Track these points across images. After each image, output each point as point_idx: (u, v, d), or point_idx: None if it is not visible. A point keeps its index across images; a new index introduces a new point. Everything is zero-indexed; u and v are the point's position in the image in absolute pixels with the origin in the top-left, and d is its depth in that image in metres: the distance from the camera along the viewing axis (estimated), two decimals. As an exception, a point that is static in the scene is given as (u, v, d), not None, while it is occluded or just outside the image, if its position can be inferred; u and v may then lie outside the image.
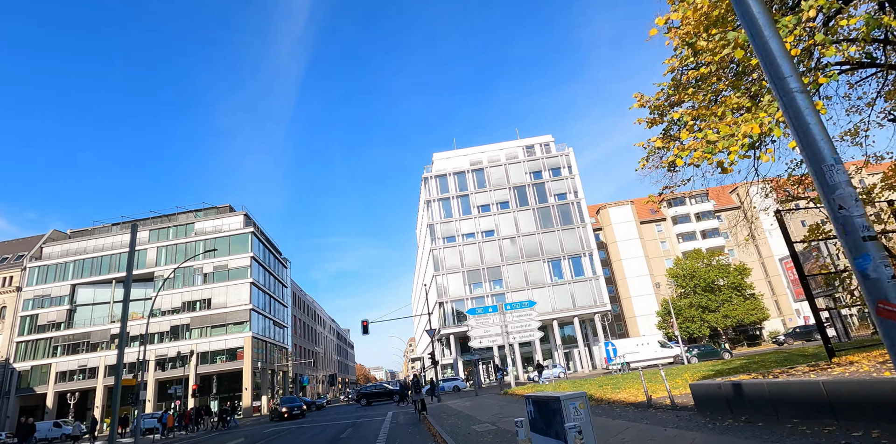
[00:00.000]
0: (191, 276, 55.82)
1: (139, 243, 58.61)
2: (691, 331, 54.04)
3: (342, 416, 28.49)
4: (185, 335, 53.63)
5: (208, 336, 53.23)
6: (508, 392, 23.96)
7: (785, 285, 65.50)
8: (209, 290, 54.73)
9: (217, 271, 55.73)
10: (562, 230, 54.12)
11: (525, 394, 7.00)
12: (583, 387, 19.71)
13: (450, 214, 56.13)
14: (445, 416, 16.94)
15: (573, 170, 56.69)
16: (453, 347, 52.25)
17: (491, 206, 56.08)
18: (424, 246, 62.04)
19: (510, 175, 57.20)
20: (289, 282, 75.12)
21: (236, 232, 57.21)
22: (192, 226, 59.31)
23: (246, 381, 51.10)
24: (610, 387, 17.23)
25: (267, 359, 58.14)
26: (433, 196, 56.88)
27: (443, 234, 55.15)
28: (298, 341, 77.23)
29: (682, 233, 69.85)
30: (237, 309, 53.50)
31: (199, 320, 53.74)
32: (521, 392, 22.11)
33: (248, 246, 56.51)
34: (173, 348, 53.18)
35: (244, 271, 55.35)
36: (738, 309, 53.20)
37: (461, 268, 53.62)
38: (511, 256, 53.69)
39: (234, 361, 52.39)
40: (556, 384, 24.10)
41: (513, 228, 54.82)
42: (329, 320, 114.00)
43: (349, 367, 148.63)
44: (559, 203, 55.38)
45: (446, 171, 57.93)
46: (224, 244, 56.86)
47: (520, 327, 25.92)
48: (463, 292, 52.79)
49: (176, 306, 54.78)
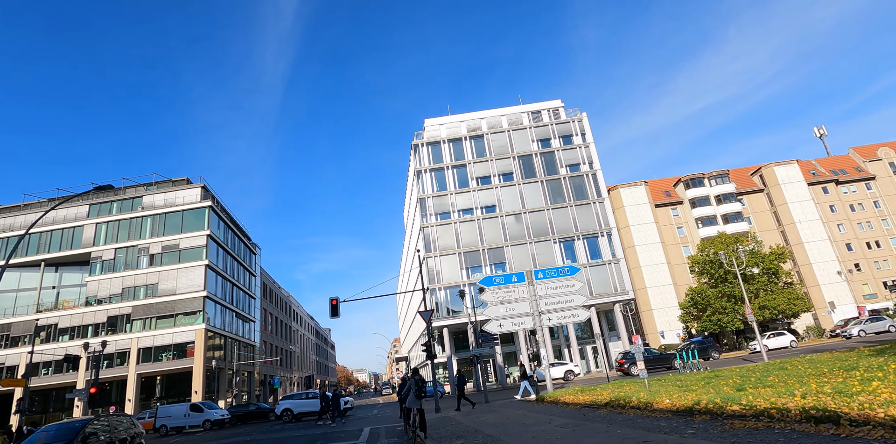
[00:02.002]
0: (134, 257, 46.87)
1: (76, 218, 49.55)
2: (723, 324, 46.52)
3: (293, 432, 20.13)
4: (124, 328, 44.63)
5: (153, 329, 44.35)
6: (547, 399, 15.83)
7: (839, 270, 58.53)
8: (156, 274, 45.82)
9: (166, 252, 46.84)
10: (575, 206, 46.26)
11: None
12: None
13: (444, 186, 47.92)
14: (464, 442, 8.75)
15: (587, 137, 48.93)
16: (447, 342, 44.00)
17: (492, 177, 48.00)
18: (414, 225, 53.68)
19: (514, 143, 49.22)
20: (258, 271, 66.22)
21: (191, 206, 48.36)
22: (139, 200, 50.27)
23: (196, 382, 42.30)
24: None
25: (227, 357, 49.31)
26: (424, 166, 48.61)
27: (435, 209, 46.91)
28: (269, 339, 68.30)
29: (702, 217, 62.50)
30: (188, 296, 44.69)
31: (143, 310, 44.81)
32: (573, 400, 13.99)
33: (205, 222, 47.69)
34: (110, 342, 44.10)
35: (199, 251, 46.53)
36: (777, 299, 45.84)
37: (456, 249, 45.42)
38: (516, 235, 45.64)
39: (183, 358, 43.57)
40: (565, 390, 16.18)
41: (517, 202, 46.81)
42: (307, 318, 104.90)
43: (330, 368, 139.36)
44: (571, 175, 47.52)
45: (440, 137, 49.72)
46: (176, 220, 48.02)
47: (558, 302, 17.84)
48: (459, 276, 44.58)
49: (115, 292, 45.74)
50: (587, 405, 12.65)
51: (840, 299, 58.69)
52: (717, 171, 64.30)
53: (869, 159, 68.52)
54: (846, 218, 64.16)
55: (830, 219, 63.51)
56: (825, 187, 65.81)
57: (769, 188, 64.81)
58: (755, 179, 67.18)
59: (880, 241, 63.65)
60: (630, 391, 14.03)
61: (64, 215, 50.11)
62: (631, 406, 10.42)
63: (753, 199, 65.66)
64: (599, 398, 12.89)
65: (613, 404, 11.28)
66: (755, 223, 63.74)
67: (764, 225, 63.68)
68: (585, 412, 11.69)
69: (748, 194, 65.75)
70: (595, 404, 12.31)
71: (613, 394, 12.62)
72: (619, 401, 11.06)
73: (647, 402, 10.07)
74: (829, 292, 59.04)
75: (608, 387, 16.19)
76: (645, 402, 10.11)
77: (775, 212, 64.12)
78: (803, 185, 63.62)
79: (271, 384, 65.54)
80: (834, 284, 59.32)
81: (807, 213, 61.81)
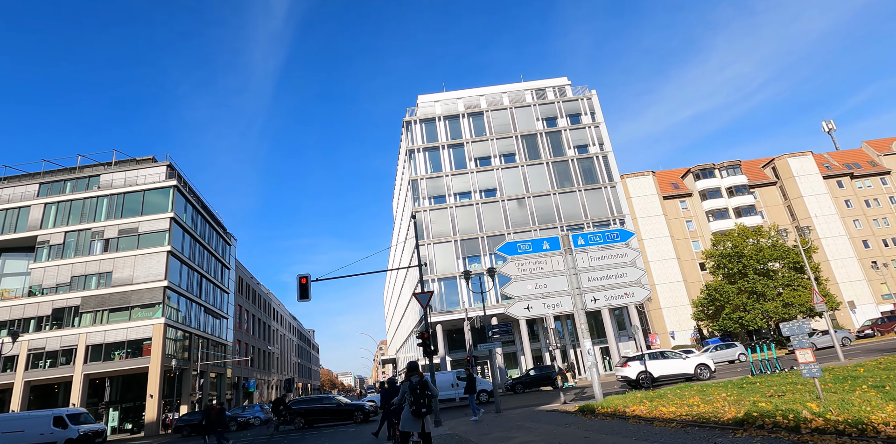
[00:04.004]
0: (87, 242, 41.31)
1: (22, 198, 43.84)
2: (745, 322, 42.17)
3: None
4: (72, 322, 39.04)
5: (105, 323, 38.82)
6: (599, 411, 11.00)
7: (873, 262, 54.35)
8: (110, 260, 40.31)
9: (124, 237, 41.36)
10: (584, 190, 41.70)
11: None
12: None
13: (439, 167, 43.07)
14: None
15: (597, 117, 44.47)
16: (441, 341, 39.08)
17: (492, 158, 43.29)
18: (404, 211, 48.71)
19: (517, 121, 44.59)
20: (233, 263, 60.70)
21: (153, 185, 42.94)
22: (96, 179, 44.71)
23: (152, 385, 36.85)
24: None
25: (192, 356, 43.84)
26: (417, 144, 43.72)
27: (429, 192, 42.03)
28: (244, 338, 62.70)
29: (713, 210, 58.43)
30: (147, 287, 39.25)
31: (94, 301, 39.27)
32: (646, 412, 9.25)
33: (169, 204, 42.31)
34: (54, 338, 38.54)
35: (160, 236, 41.13)
36: (804, 295, 41.60)
37: (452, 236, 40.54)
38: (518, 221, 40.93)
39: (139, 357, 38.10)
40: (619, 397, 11.52)
41: (520, 186, 42.14)
42: (289, 318, 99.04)
43: (312, 371, 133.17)
44: (580, 157, 42.99)
45: (435, 114, 44.90)
46: (136, 202, 42.60)
47: (606, 278, 13.14)
48: (454, 266, 39.72)
49: (63, 281, 40.13)
50: (687, 422, 7.90)
51: (860, 298, 54.89)
52: (728, 161, 60.35)
53: (883, 153, 65.10)
54: (862, 214, 60.57)
55: (846, 214, 59.84)
56: (840, 181, 62.20)
57: (783, 181, 60.98)
58: (767, 172, 63.40)
59: (897, 238, 60.17)
60: (732, 398, 9.29)
61: (10, 195, 44.41)
62: (814, 428, 5.67)
63: (766, 192, 61.80)
64: (703, 411, 8.15)
65: (758, 422, 6.55)
66: (767, 218, 59.79)
67: (776, 220, 59.68)
68: (695, 435, 6.96)
69: (760, 188, 61.89)
70: (701, 420, 7.60)
71: (739, 406, 7.86)
72: (775, 418, 6.31)
73: (853, 420, 5.37)
74: (848, 290, 55.21)
75: (686, 392, 11.43)
76: (846, 421, 5.41)
77: (789, 206, 60.31)
78: (819, 178, 59.89)
79: (245, 387, 59.90)
80: (853, 282, 55.54)
81: (823, 207, 58.02)
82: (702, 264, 56.15)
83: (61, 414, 24.53)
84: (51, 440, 23.31)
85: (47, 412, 25.17)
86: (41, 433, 23.38)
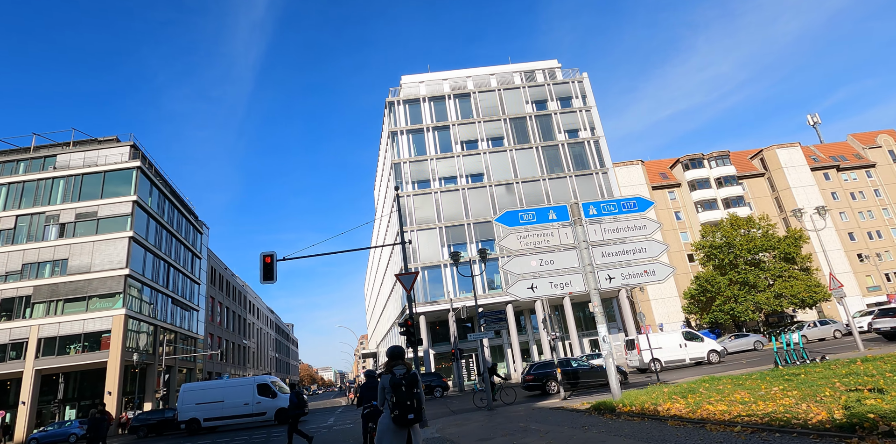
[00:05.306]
0: (40, 226, 38.14)
1: (-31, 179, 40.29)
2: (737, 313, 41.06)
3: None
4: (23, 313, 35.95)
5: (59, 314, 35.83)
6: (622, 409, 8.99)
7: (861, 254, 53.88)
8: (66, 247, 37.25)
9: (81, 221, 38.27)
10: (575, 176, 39.93)
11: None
12: None
13: (423, 150, 40.83)
14: None
15: (588, 101, 42.68)
16: (424, 333, 37.05)
17: (479, 142, 41.20)
18: (387, 196, 46.36)
19: (505, 104, 42.55)
20: (205, 253, 57.67)
21: (115, 166, 39.86)
22: (52, 159, 41.39)
23: (111, 381, 34.10)
24: None
25: (157, 350, 41.05)
26: (401, 126, 41.36)
27: (412, 176, 39.77)
28: (217, 331, 59.82)
29: (702, 200, 57.39)
30: (106, 275, 36.33)
31: (48, 291, 36.22)
32: (687, 412, 7.26)
33: (132, 187, 39.31)
34: (3, 330, 35.43)
35: (122, 220, 38.16)
36: (796, 286, 40.63)
37: (437, 222, 38.41)
38: (507, 207, 38.92)
39: (96, 351, 35.25)
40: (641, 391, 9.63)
41: (509, 171, 40.16)
42: (266, 311, 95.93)
43: (291, 366, 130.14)
44: (571, 141, 41.18)
45: (419, 95, 42.57)
46: (96, 184, 39.49)
47: (623, 252, 11.23)
48: (439, 254, 37.62)
49: (13, 269, 36.96)
50: (756, 425, 6.02)
51: (846, 290, 54.36)
52: (717, 151, 59.32)
53: (868, 146, 64.88)
54: (848, 206, 60.25)
55: (832, 206, 59.37)
56: (826, 173, 61.76)
57: (771, 172, 60.23)
58: (755, 163, 62.62)
59: (881, 231, 60.00)
60: (797, 393, 7.44)
61: (-46, 176, 40.84)
62: None
63: (753, 183, 61.00)
64: (771, 410, 6.25)
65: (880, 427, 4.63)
66: (755, 209, 58.98)
67: (764, 211, 58.90)
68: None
69: (748, 179, 61.07)
70: (780, 423, 5.70)
71: (821, 404, 5.95)
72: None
73: None
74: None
75: (718, 385, 9.56)
76: None
77: (777, 197, 59.64)
78: (806, 169, 59.29)
79: (217, 383, 57.06)
80: (839, 274, 54.89)
81: (811, 199, 57.40)
82: (690, 256, 55.16)
83: (265, 381, 21.88)
84: (258, 411, 20.79)
85: (249, 380, 22.44)
86: (245, 402, 20.91)
